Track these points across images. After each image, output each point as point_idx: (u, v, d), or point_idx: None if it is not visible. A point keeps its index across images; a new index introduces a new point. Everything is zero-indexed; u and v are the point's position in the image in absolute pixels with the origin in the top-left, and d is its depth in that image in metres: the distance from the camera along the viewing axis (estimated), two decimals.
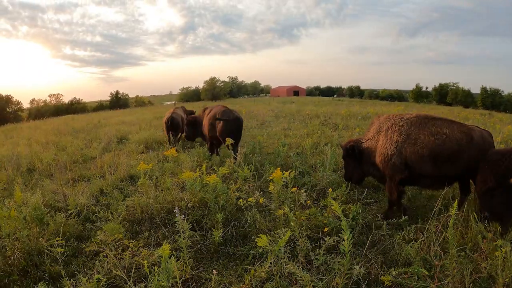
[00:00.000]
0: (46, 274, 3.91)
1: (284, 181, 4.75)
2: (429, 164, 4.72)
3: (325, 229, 4.03)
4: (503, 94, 63.01)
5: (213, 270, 3.53)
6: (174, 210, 4.07)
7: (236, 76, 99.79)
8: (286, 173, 4.54)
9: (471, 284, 3.35)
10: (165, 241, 3.97)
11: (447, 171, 4.70)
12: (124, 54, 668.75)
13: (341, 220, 4.45)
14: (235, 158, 7.28)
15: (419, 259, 3.74)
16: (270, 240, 3.38)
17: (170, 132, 11.36)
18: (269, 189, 4.65)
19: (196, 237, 4.45)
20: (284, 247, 3.59)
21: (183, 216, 4.04)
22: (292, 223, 3.92)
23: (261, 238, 3.21)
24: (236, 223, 4.80)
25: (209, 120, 8.50)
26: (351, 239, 3.27)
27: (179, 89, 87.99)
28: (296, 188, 4.78)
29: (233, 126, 8.02)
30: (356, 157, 5.43)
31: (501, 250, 3.28)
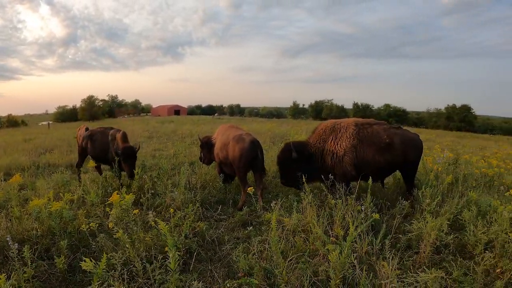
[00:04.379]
0: None
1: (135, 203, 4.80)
2: (219, 153, 7.22)
3: (166, 248, 4.09)
4: (373, 108, 71.73)
5: None
6: (7, 238, 4.04)
7: (117, 95, 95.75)
8: (127, 196, 4.51)
9: None
10: (13, 273, 3.91)
11: (225, 159, 7.05)
12: None
13: (189, 238, 4.66)
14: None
15: (258, 269, 4.00)
16: (96, 263, 3.52)
17: None
18: (111, 213, 4.59)
19: (44, 266, 4.37)
20: (122, 269, 3.83)
21: (17, 245, 3.97)
22: (127, 245, 4.11)
23: (85, 261, 3.19)
24: (86, 249, 4.79)
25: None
26: (180, 256, 3.39)
27: (55, 108, 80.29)
28: (137, 210, 4.93)
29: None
30: (209, 148, 7.83)
31: (332, 253, 3.69)
